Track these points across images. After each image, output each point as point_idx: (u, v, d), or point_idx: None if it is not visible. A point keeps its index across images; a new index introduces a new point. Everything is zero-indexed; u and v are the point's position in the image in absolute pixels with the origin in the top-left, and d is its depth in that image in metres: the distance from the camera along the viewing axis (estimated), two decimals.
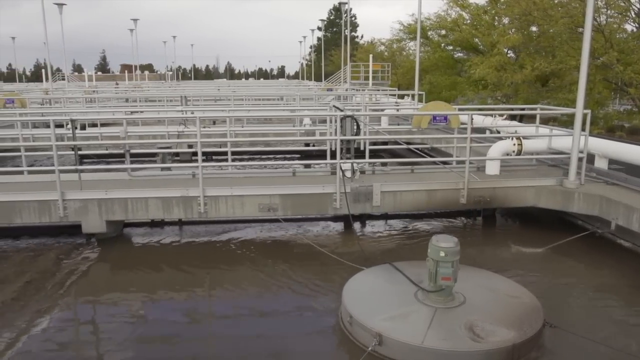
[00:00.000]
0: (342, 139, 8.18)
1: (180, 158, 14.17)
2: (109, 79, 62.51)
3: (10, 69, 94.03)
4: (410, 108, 17.61)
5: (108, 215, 7.95)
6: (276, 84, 53.25)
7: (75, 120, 8.44)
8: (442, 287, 5.13)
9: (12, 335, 5.36)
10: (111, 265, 7.67)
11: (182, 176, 8.95)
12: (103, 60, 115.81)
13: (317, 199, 8.17)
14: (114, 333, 5.55)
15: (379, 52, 44.16)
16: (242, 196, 7.99)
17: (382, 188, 8.22)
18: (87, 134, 13.97)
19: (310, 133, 13.92)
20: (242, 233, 8.68)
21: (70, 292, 6.48)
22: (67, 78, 41.52)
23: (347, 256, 7.19)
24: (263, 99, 23.52)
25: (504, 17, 26.05)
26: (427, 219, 9.40)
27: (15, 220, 7.95)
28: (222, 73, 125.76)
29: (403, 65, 38.20)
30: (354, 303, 5.31)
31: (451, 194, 8.45)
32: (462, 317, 4.96)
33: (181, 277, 7.00)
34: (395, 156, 13.20)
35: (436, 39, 32.50)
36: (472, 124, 8.55)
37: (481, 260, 6.93)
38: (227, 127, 11.11)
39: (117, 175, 9.15)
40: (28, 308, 5.93)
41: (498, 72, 22.84)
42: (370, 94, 23.13)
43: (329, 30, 71.93)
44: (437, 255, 5.02)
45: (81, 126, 14.43)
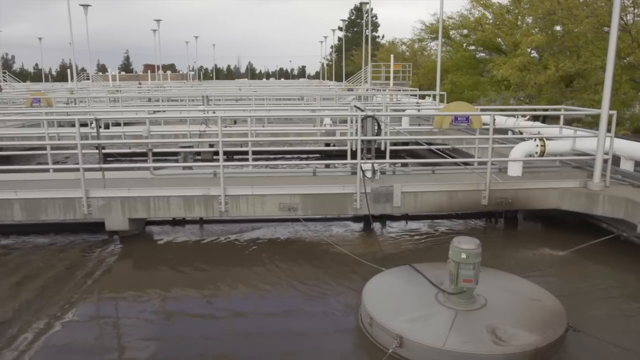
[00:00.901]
0: (362, 139, 8.16)
1: (201, 157, 14.31)
2: (132, 78, 63.28)
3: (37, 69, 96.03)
4: (431, 108, 17.48)
5: (131, 213, 8.05)
6: (297, 84, 53.35)
7: (99, 120, 8.57)
8: (463, 289, 5.09)
9: (39, 328, 5.46)
10: (133, 263, 7.77)
11: (204, 175, 9.02)
12: (126, 61, 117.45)
13: (337, 199, 8.16)
14: (135, 329, 5.63)
15: (400, 52, 43.98)
16: (263, 195, 8.03)
17: (403, 189, 8.18)
18: (110, 132, 14.17)
19: (330, 133, 13.92)
20: (262, 232, 8.71)
21: (94, 288, 6.59)
22: (91, 78, 42.21)
23: (367, 257, 7.18)
24: (284, 99, 23.57)
25: (528, 17, 25.75)
26: (447, 220, 9.33)
27: (41, 217, 8.10)
28: (243, 73, 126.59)
29: (424, 65, 38.00)
30: (374, 304, 5.30)
31: (472, 195, 8.37)
32: (484, 320, 4.91)
33: (201, 275, 7.07)
34: (416, 157, 13.13)
35: (458, 38, 32.27)
36: (494, 124, 8.46)
37: (502, 263, 6.86)
38: (248, 127, 11.17)
39: (140, 173, 9.26)
40: (53, 303, 6.04)
41: (521, 72, 22.58)
42: (391, 94, 23.04)
43: (349, 30, 71.85)
44: (458, 257, 4.98)
45: (105, 125, 14.64)
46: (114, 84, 43.30)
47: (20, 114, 16.32)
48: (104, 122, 14.20)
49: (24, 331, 5.40)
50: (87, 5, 32.94)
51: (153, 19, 51.75)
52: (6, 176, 9.07)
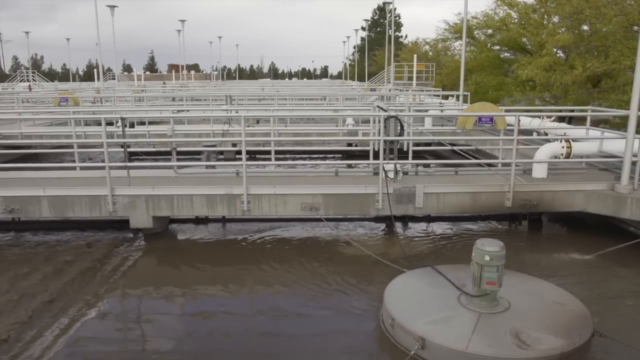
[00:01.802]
0: (385, 140, 8.14)
1: (224, 156, 14.42)
2: (157, 78, 64.07)
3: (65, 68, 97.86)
4: (454, 109, 17.33)
5: (155, 211, 8.15)
6: (319, 83, 53.39)
7: (125, 118, 8.70)
8: (486, 292, 5.03)
9: (67, 321, 5.58)
10: (157, 260, 7.88)
11: (226, 174, 9.10)
12: (151, 61, 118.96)
13: (359, 199, 8.15)
14: (158, 325, 5.72)
15: (424, 52, 43.69)
16: (285, 195, 8.06)
17: (425, 189, 8.13)
18: (135, 131, 14.37)
19: (353, 133, 13.90)
20: (283, 231, 8.75)
21: (118, 284, 6.70)
22: (117, 77, 42.93)
23: (389, 257, 7.15)
24: (306, 99, 23.61)
25: (554, 16, 25.31)
26: (470, 222, 9.24)
27: (68, 214, 8.27)
28: (265, 73, 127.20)
29: (448, 66, 37.68)
30: (396, 305, 5.27)
31: (496, 197, 8.28)
32: (508, 323, 4.85)
33: (223, 273, 7.13)
34: (438, 157, 13.03)
35: (482, 38, 31.89)
36: (519, 125, 8.36)
37: (526, 266, 6.77)
38: (270, 127, 11.22)
39: (164, 172, 9.38)
40: (78, 299, 6.16)
41: (547, 72, 22.22)
42: (413, 94, 22.90)
43: (372, 30, 71.66)
44: (481, 259, 4.93)
45: (130, 124, 14.85)
46: (139, 83, 43.89)
47: (49, 113, 16.68)
48: (129, 121, 14.41)
49: (52, 324, 5.52)
50: (114, 6, 33.48)
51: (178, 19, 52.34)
52: (35, 174, 9.30)
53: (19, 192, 8.13)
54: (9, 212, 8.11)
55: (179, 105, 19.93)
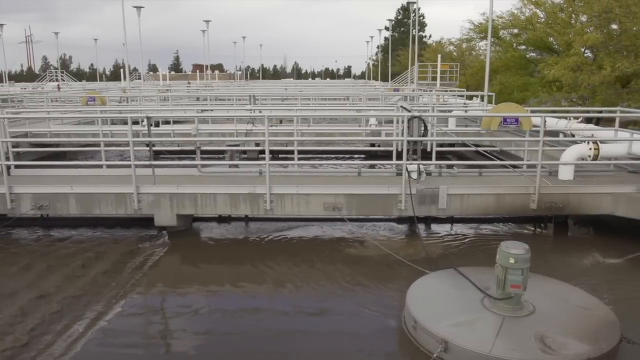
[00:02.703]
0: (408, 140, 8.09)
1: (247, 156, 14.50)
2: (182, 78, 64.79)
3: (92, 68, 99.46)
4: (479, 109, 17.15)
5: (179, 209, 8.25)
6: (342, 83, 53.36)
7: (150, 118, 8.82)
8: (510, 295, 4.97)
9: (92, 316, 5.69)
10: (180, 258, 7.97)
11: (250, 173, 9.16)
12: (176, 60, 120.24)
13: (382, 199, 8.13)
14: (180, 323, 5.79)
15: (448, 52, 43.28)
16: (308, 195, 8.07)
17: (449, 191, 8.07)
18: (160, 130, 14.56)
19: (376, 133, 13.85)
20: (306, 231, 8.77)
21: (142, 281, 6.80)
22: (143, 77, 43.54)
23: (411, 258, 7.12)
24: (329, 99, 23.61)
25: (582, 15, 24.84)
26: (494, 224, 9.13)
27: (94, 211, 8.42)
28: (289, 73, 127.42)
29: (472, 66, 37.27)
30: (419, 307, 5.24)
31: (521, 199, 8.17)
32: (532, 327, 4.78)
33: (245, 271, 7.17)
34: (462, 158, 12.91)
35: (508, 38, 31.46)
36: (545, 126, 8.23)
37: (551, 269, 6.66)
38: (294, 126, 11.24)
39: (188, 171, 9.48)
40: (104, 294, 6.27)
41: (574, 72, 21.81)
42: (437, 94, 22.72)
43: (396, 30, 71.28)
44: (506, 262, 4.87)
45: (155, 123, 15.04)
46: (164, 83, 44.45)
47: (77, 112, 17.00)
48: (154, 120, 14.59)
49: (79, 319, 5.64)
50: (140, 7, 33.97)
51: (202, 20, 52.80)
52: (63, 171, 9.49)
53: (47, 189, 8.31)
54: (37, 209, 8.30)
55: (203, 105, 20.12)
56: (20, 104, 20.93)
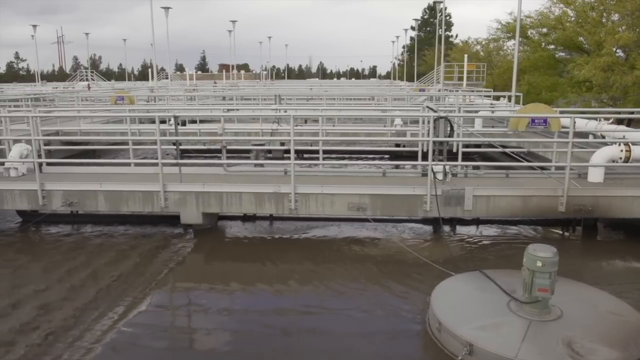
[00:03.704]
0: (434, 140, 8.03)
1: (272, 155, 14.57)
2: (208, 78, 65.45)
3: (121, 68, 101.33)
4: (506, 110, 16.92)
5: (204, 207, 8.34)
6: (368, 83, 53.21)
7: (177, 117, 8.93)
8: (537, 299, 4.89)
9: (119, 312, 5.79)
10: (205, 256, 8.06)
11: (275, 173, 9.20)
12: (203, 60, 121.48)
13: (407, 200, 8.08)
14: (204, 320, 5.87)
15: (475, 52, 42.80)
16: (332, 194, 8.08)
17: (475, 192, 7.98)
18: (187, 129, 14.73)
19: (401, 133, 13.78)
20: (330, 231, 8.78)
21: (168, 278, 6.89)
22: (170, 77, 44.06)
23: (436, 260, 7.06)
24: (354, 99, 23.57)
25: (614, 14, 24.31)
26: (520, 227, 9.00)
27: (122, 209, 8.56)
28: (314, 73, 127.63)
29: (500, 66, 36.79)
30: (443, 309, 5.20)
31: (549, 201, 8.03)
32: (560, 332, 4.70)
33: (270, 270, 7.21)
34: (488, 159, 12.75)
35: (536, 37, 30.95)
36: (574, 127, 8.08)
37: (580, 273, 6.53)
38: (319, 126, 11.26)
39: (214, 169, 9.56)
40: (131, 290, 6.38)
41: (605, 73, 21.37)
42: (464, 94, 22.49)
43: (422, 30, 70.81)
44: (533, 265, 4.79)
45: (182, 122, 15.22)
46: (191, 83, 44.95)
47: (106, 111, 17.32)
48: (181, 119, 14.78)
49: (105, 314, 5.74)
50: (168, 7, 34.41)
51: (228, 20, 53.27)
52: (92, 169, 9.67)
53: (77, 187, 8.49)
54: (68, 205, 8.49)
55: (229, 105, 20.28)
56: (52, 103, 21.41)
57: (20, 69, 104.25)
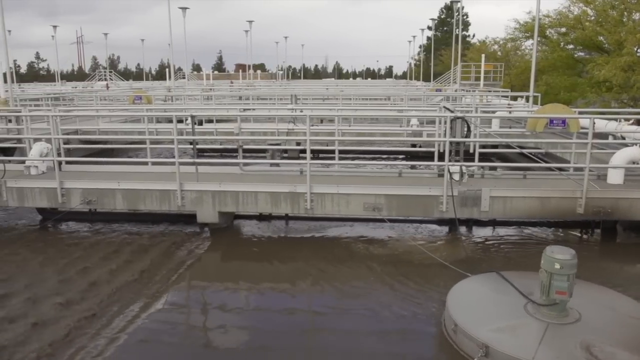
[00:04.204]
0: (451, 141, 7.98)
1: (288, 155, 14.60)
2: (224, 77, 65.78)
3: (139, 68, 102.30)
4: (524, 110, 16.75)
5: (221, 206, 8.38)
6: (384, 83, 53.08)
7: (194, 116, 8.99)
8: (555, 302, 4.84)
9: (135, 311, 5.85)
10: (221, 254, 8.11)
11: (290, 172, 9.21)
12: (219, 60, 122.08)
13: (423, 200, 8.04)
14: (220, 318, 5.90)
15: (492, 52, 42.44)
16: (348, 194, 8.07)
17: (492, 193, 7.91)
18: (203, 129, 14.83)
19: (417, 134, 13.73)
20: (345, 231, 8.77)
21: (185, 276, 6.95)
22: (187, 77, 44.36)
23: (452, 261, 7.02)
24: (370, 99, 23.53)
25: (635, 13, 23.94)
26: (538, 228, 8.91)
27: (140, 207, 8.65)
28: (330, 72, 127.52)
29: (517, 66, 36.44)
30: (459, 311, 5.17)
31: (567, 203, 7.93)
32: (578, 336, 4.64)
33: (285, 270, 7.24)
34: (506, 160, 12.66)
35: (555, 37, 30.58)
36: (593, 128, 7.97)
37: (599, 276, 6.43)
38: (335, 126, 11.26)
39: (230, 169, 9.60)
40: (147, 289, 6.44)
41: (625, 73, 21.03)
42: (481, 95, 22.33)
43: (439, 30, 70.39)
44: (551, 267, 4.74)
45: (198, 122, 15.32)
46: (208, 82, 45.21)
47: (124, 110, 17.50)
48: (197, 119, 14.88)
49: (122, 311, 5.81)
50: (186, 8, 34.66)
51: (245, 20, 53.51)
52: (110, 167, 9.78)
53: (95, 185, 8.59)
54: (86, 204, 8.60)
55: (245, 104, 20.37)
56: (71, 103, 21.70)
57: (40, 68, 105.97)
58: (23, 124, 11.08)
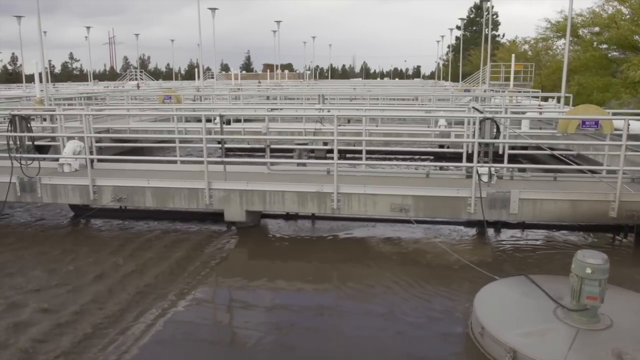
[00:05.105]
0: (480, 142, 7.89)
1: (315, 154, 14.63)
2: (252, 77, 66.28)
3: (169, 68, 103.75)
4: (555, 111, 16.45)
5: (248, 205, 8.46)
6: (411, 84, 52.71)
7: (223, 116, 9.09)
8: (586, 307, 4.75)
9: (164, 305, 5.94)
10: (248, 253, 8.19)
11: (317, 172, 9.23)
12: (247, 60, 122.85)
13: (450, 202, 7.97)
14: (246, 316, 5.97)
15: (522, 52, 41.77)
16: (375, 195, 8.05)
17: (521, 195, 7.80)
18: (231, 128, 14.97)
19: (445, 134, 13.61)
20: (371, 231, 8.75)
21: (212, 274, 7.03)
22: (215, 77, 44.90)
23: (479, 263, 6.94)
24: (398, 99, 23.41)
25: None
26: (568, 232, 8.73)
27: (168, 205, 8.79)
28: (357, 72, 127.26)
29: (548, 66, 35.78)
30: (487, 314, 5.11)
31: (599, 206, 7.76)
32: (609, 342, 4.54)
33: (311, 269, 7.26)
34: (535, 162, 12.45)
35: (588, 37, 29.94)
36: (628, 130, 7.78)
37: (632, 282, 6.28)
38: (362, 126, 11.26)
39: (257, 168, 9.68)
40: (175, 285, 6.53)
41: None
42: (510, 95, 21.99)
43: (468, 29, 69.54)
44: (582, 272, 4.65)
45: (226, 121, 15.46)
46: (236, 82, 45.60)
47: (154, 110, 17.79)
48: (226, 118, 15.02)
49: (150, 308, 5.90)
50: (215, 8, 35.05)
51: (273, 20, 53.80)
52: (140, 166, 9.96)
53: (126, 183, 8.77)
54: (117, 201, 8.77)
55: (273, 104, 20.49)
56: (103, 102, 22.15)
57: (74, 68, 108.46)
58: (57, 122, 11.36)
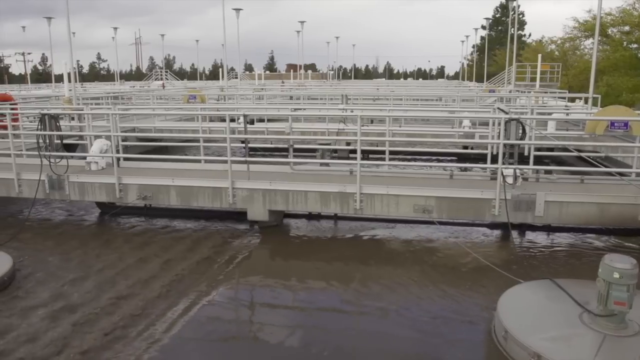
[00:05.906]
0: (505, 143, 7.80)
1: (338, 155, 14.64)
2: (276, 77, 66.54)
3: (193, 68, 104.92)
4: (582, 112, 16.17)
5: (271, 205, 8.50)
6: (435, 84, 52.32)
7: (247, 116, 9.16)
8: (613, 312, 4.65)
9: (186, 304, 6.01)
10: (270, 252, 8.23)
11: (340, 172, 9.23)
12: (271, 60, 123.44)
13: (474, 203, 7.89)
14: (268, 315, 6.01)
15: (549, 52, 41.16)
16: (398, 195, 8.02)
17: (547, 197, 7.68)
18: (255, 128, 15.06)
19: (469, 135, 13.49)
20: (394, 232, 8.72)
21: (235, 272, 7.10)
22: (239, 77, 45.21)
23: (503, 266, 6.86)
24: (421, 99, 23.27)
25: None
26: (595, 236, 8.56)
27: (192, 203, 8.89)
28: (381, 73, 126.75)
29: (576, 66, 35.24)
30: (510, 317, 5.05)
31: (628, 210, 7.60)
32: (637, 349, 4.45)
33: (333, 269, 7.26)
34: (561, 164, 12.24)
35: (617, 36, 29.39)
36: None
37: None
38: (385, 127, 11.21)
39: (280, 168, 9.72)
40: (199, 282, 6.61)
41: None
42: (536, 96, 21.67)
43: (493, 29, 68.73)
44: (609, 277, 4.56)
45: (250, 121, 15.58)
46: (259, 82, 45.87)
47: (179, 109, 18.00)
48: (249, 118, 15.13)
49: (174, 305, 5.98)
50: (239, 9, 35.32)
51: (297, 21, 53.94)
52: (165, 164, 10.09)
53: (151, 181, 8.89)
54: (142, 199, 8.91)
55: (296, 104, 20.56)
56: (129, 101, 22.49)
57: (101, 69, 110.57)
58: (85, 121, 11.58)
